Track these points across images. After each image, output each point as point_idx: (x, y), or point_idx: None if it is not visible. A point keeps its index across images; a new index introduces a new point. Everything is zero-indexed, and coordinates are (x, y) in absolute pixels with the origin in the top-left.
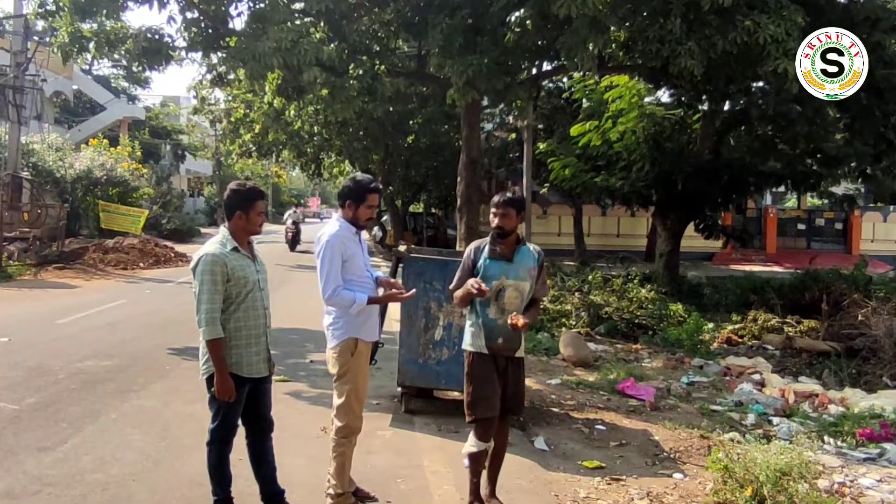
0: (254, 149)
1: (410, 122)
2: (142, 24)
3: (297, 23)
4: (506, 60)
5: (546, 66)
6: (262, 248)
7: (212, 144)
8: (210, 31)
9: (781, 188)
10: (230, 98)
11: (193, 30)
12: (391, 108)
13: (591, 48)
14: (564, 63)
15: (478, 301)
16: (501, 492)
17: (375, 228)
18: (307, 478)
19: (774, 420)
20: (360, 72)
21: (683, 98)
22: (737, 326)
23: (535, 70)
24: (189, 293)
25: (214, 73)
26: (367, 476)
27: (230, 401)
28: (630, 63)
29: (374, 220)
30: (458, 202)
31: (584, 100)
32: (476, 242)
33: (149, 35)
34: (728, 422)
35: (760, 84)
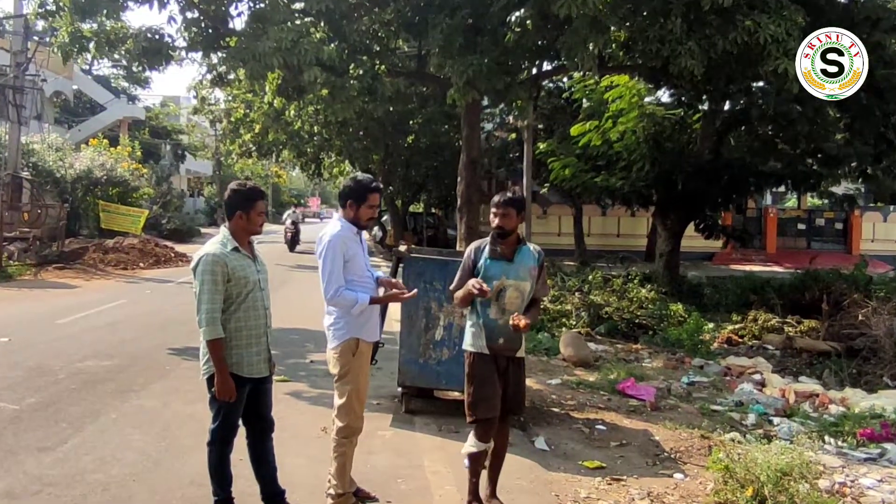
0: (254, 149)
1: (410, 122)
2: (142, 24)
3: (298, 23)
4: (506, 60)
5: (546, 66)
6: (263, 248)
7: (212, 144)
8: (210, 31)
9: (781, 188)
10: (230, 98)
11: (193, 30)
12: (391, 108)
13: (592, 48)
14: (564, 63)
15: (478, 301)
16: (502, 492)
17: (375, 228)
18: (308, 478)
19: (775, 420)
20: (361, 72)
21: (683, 98)
22: (737, 326)
23: (536, 70)
24: (189, 293)
25: (214, 73)
26: (368, 476)
27: (231, 401)
28: (630, 63)
29: (375, 220)
30: (459, 202)
31: (584, 100)
32: (476, 242)
33: (149, 35)
34: (728, 422)
35: (761, 84)
